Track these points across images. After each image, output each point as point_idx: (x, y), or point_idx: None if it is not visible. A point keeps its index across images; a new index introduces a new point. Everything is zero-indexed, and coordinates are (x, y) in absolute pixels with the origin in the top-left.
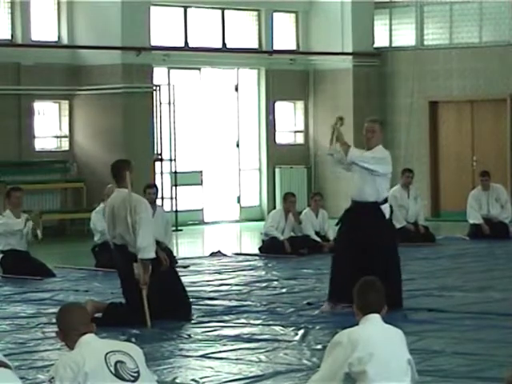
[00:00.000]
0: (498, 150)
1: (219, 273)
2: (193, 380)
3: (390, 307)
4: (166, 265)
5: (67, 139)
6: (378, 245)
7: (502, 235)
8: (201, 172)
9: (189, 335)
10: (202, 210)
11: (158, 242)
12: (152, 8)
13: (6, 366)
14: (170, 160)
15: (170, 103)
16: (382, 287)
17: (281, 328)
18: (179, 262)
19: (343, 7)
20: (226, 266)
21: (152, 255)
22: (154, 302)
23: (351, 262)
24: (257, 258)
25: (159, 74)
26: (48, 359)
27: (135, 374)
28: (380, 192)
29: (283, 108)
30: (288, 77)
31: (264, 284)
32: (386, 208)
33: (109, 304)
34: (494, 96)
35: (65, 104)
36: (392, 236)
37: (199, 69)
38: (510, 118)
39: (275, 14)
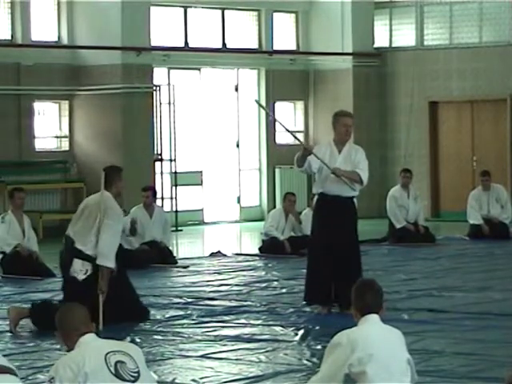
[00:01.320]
0: (497, 150)
1: (219, 273)
2: (193, 380)
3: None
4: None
5: (67, 139)
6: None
7: (502, 235)
8: (201, 172)
9: (189, 335)
10: (201, 210)
11: (156, 242)
12: (152, 8)
13: (10, 372)
14: (170, 160)
15: (170, 103)
16: (380, 288)
17: (281, 328)
18: (179, 262)
19: (343, 7)
20: (225, 266)
21: (109, 265)
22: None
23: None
24: (257, 258)
25: (159, 74)
26: (48, 359)
27: (135, 374)
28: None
29: (283, 108)
30: (288, 77)
31: (264, 284)
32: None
33: (35, 306)
34: (494, 96)
35: (65, 104)
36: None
37: (199, 69)
38: (510, 118)
39: (275, 14)
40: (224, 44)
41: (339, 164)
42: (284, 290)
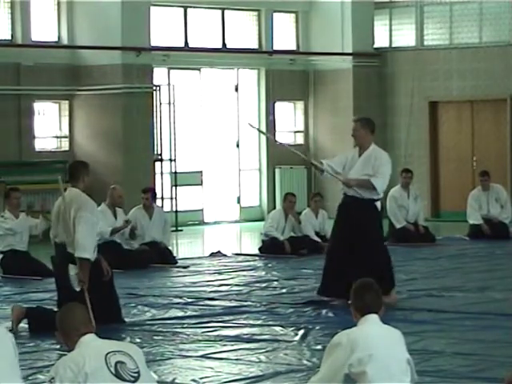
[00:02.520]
0: (498, 150)
1: (219, 273)
2: (193, 380)
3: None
4: (107, 276)
5: (67, 139)
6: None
7: (502, 235)
8: (201, 172)
9: (189, 335)
10: (201, 210)
11: (156, 243)
12: (152, 8)
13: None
14: (170, 160)
15: (170, 103)
16: (379, 288)
17: (281, 328)
18: (179, 262)
19: (343, 7)
20: (225, 266)
21: (87, 256)
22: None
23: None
24: (257, 258)
25: (159, 74)
26: (48, 359)
27: (135, 375)
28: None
29: (283, 108)
30: (288, 77)
31: (264, 284)
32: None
33: (30, 310)
34: (494, 96)
35: (65, 104)
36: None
37: (199, 69)
38: (510, 118)
39: (275, 14)
40: (224, 44)
41: (356, 168)
42: (284, 290)
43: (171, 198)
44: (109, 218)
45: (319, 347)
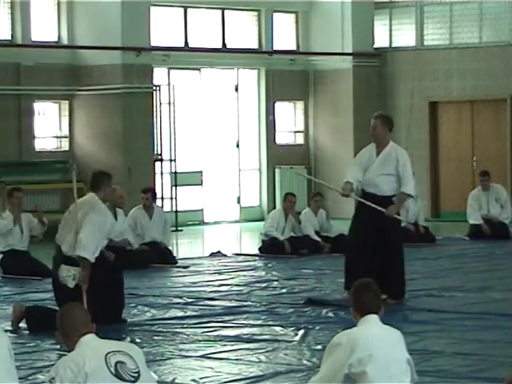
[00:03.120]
0: (498, 150)
1: (219, 273)
2: (193, 380)
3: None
4: (110, 257)
5: (67, 139)
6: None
7: (502, 235)
8: (201, 172)
9: (189, 335)
10: (201, 210)
11: (156, 243)
12: (152, 8)
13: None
14: (170, 160)
15: (170, 103)
16: (378, 288)
17: (281, 328)
18: (179, 262)
19: (343, 7)
20: (225, 266)
21: (86, 256)
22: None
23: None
24: (257, 258)
25: (159, 74)
26: (48, 359)
27: (135, 375)
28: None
29: (283, 108)
30: (288, 77)
31: (264, 284)
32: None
33: (28, 309)
34: (494, 96)
35: (65, 104)
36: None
37: (199, 69)
38: (510, 118)
39: (275, 14)
40: (224, 44)
41: (374, 167)
42: (284, 290)
43: (171, 198)
44: (109, 218)
45: (319, 347)
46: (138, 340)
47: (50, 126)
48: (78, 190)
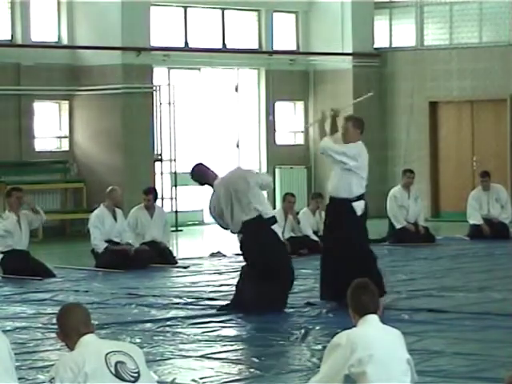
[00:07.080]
0: (498, 150)
1: (219, 273)
2: (193, 380)
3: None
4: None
5: (67, 139)
6: (348, 241)
7: (502, 235)
8: None
9: (189, 335)
10: (201, 210)
11: (156, 242)
12: (152, 8)
13: None
14: (170, 160)
15: (170, 103)
16: (376, 289)
17: (281, 328)
18: (179, 262)
19: (343, 7)
20: (225, 266)
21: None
22: None
23: (331, 258)
24: None
25: (159, 74)
26: (48, 359)
27: (135, 375)
28: (352, 188)
29: (283, 108)
30: (288, 77)
31: None
32: (358, 206)
33: None
34: (494, 96)
35: (65, 104)
36: (360, 233)
37: (199, 69)
38: (510, 118)
39: (275, 14)
40: (224, 44)
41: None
42: None
43: (171, 198)
44: (108, 219)
45: (319, 347)
46: (138, 340)
47: (50, 126)
48: (77, 190)
